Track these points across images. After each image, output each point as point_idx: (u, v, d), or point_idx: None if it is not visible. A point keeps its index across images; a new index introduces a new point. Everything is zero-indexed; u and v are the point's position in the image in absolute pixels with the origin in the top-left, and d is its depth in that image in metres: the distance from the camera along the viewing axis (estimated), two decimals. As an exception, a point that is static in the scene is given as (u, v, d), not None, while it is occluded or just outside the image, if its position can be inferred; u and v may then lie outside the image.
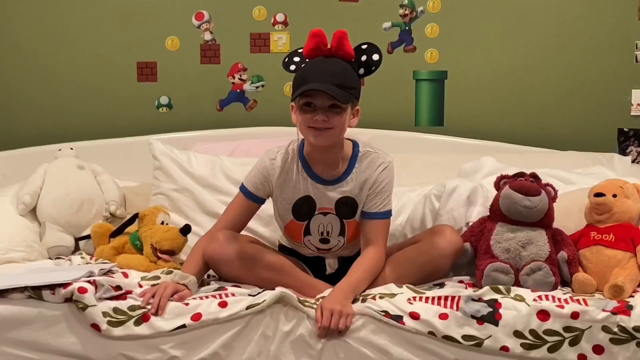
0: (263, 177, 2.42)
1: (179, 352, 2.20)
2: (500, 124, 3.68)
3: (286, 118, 3.46)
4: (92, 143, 3.52)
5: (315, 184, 2.40)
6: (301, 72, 2.31)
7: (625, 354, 2.12)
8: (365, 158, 2.42)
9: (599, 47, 3.62)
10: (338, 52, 2.28)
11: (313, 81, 2.24)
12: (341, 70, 2.27)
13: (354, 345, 2.19)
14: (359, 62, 2.33)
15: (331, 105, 2.26)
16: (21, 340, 2.22)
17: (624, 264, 2.36)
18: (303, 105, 2.29)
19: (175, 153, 2.98)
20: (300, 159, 2.42)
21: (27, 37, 3.59)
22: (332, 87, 2.23)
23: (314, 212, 2.41)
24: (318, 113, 2.26)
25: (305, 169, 2.41)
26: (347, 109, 2.29)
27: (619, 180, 2.61)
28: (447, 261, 2.43)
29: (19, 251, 2.76)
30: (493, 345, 2.15)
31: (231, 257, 2.33)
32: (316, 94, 2.25)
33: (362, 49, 2.34)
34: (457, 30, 3.64)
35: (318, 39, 2.28)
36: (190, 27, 3.62)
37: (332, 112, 2.27)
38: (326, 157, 2.39)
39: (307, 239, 2.46)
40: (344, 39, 2.27)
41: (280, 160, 2.41)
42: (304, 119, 2.30)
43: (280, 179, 2.41)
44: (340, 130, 2.31)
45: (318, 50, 2.29)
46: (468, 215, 2.66)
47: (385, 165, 2.41)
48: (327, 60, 2.28)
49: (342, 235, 2.45)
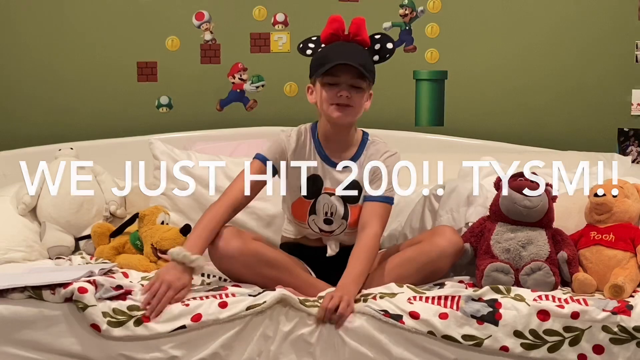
0: (280, 149, 2.48)
1: (179, 352, 2.20)
2: (500, 124, 3.67)
3: (286, 118, 3.50)
4: (92, 143, 3.52)
5: (324, 164, 2.48)
6: (322, 53, 2.42)
7: (625, 354, 2.12)
8: (373, 145, 2.52)
9: (599, 47, 3.62)
10: (356, 38, 2.41)
11: (337, 59, 2.34)
12: (362, 53, 2.41)
13: (354, 344, 2.19)
14: (373, 50, 2.46)
15: (353, 85, 2.38)
16: (21, 340, 2.22)
17: (624, 264, 2.36)
18: (326, 83, 2.39)
19: (176, 153, 2.98)
20: (313, 139, 2.51)
21: (27, 37, 3.59)
22: (358, 65, 2.35)
23: (320, 191, 2.48)
24: (342, 89, 2.37)
25: (317, 149, 2.50)
26: (366, 90, 2.42)
27: (619, 180, 2.61)
28: (447, 261, 2.43)
29: (19, 251, 2.76)
30: (493, 345, 2.15)
31: (234, 253, 2.34)
32: (341, 71, 2.36)
33: (376, 38, 2.47)
34: (457, 30, 3.64)
35: (337, 24, 2.42)
36: (190, 27, 3.62)
37: (354, 91, 2.38)
38: (340, 137, 2.49)
39: (312, 219, 2.50)
40: (361, 25, 2.42)
41: (295, 137, 2.50)
42: (328, 96, 2.39)
43: (294, 155, 2.49)
44: (359, 110, 2.43)
45: (336, 36, 2.41)
46: (468, 215, 2.66)
47: (391, 153, 2.51)
48: (346, 44, 2.41)
49: (344, 218, 2.49)
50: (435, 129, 3.69)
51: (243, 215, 2.81)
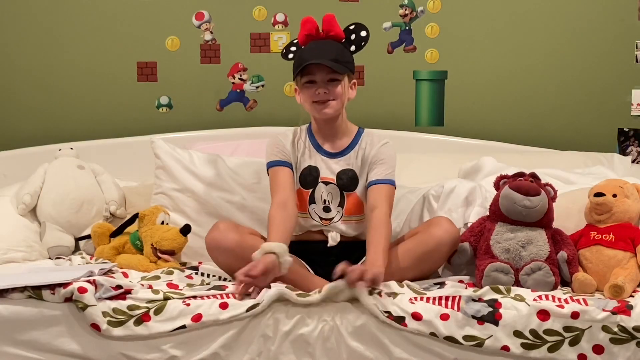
0: (281, 145, 2.57)
1: (179, 352, 2.20)
2: (500, 124, 3.68)
3: (286, 118, 3.49)
4: (92, 143, 3.52)
5: (320, 155, 2.57)
6: (298, 55, 2.53)
7: (625, 353, 2.12)
8: (367, 136, 2.60)
9: (599, 47, 3.62)
10: (329, 34, 2.52)
11: (310, 59, 2.45)
12: (334, 48, 2.50)
13: (354, 344, 2.19)
14: (349, 41, 2.55)
15: (329, 79, 2.48)
16: (21, 340, 2.22)
17: (624, 264, 2.36)
18: (305, 83, 2.50)
19: (178, 152, 2.98)
20: (308, 134, 2.61)
21: (27, 37, 3.59)
22: (328, 62, 2.45)
23: (317, 180, 2.54)
24: (319, 87, 2.47)
25: (312, 141, 2.59)
26: (344, 80, 2.51)
27: (619, 180, 2.61)
28: (444, 250, 2.45)
29: (19, 251, 2.76)
30: (494, 345, 2.15)
31: (230, 246, 2.37)
32: (315, 70, 2.47)
33: (350, 29, 2.57)
34: (457, 30, 3.64)
35: (309, 24, 2.52)
36: (190, 27, 3.62)
37: (331, 85, 2.48)
38: (332, 128, 2.58)
39: (312, 208, 2.55)
40: (332, 21, 2.52)
41: (291, 135, 2.61)
42: (307, 95, 2.51)
43: (292, 148, 2.57)
44: (341, 101, 2.52)
45: (311, 36, 2.51)
46: (466, 215, 2.66)
47: (385, 141, 2.58)
48: (320, 42, 2.51)
49: (341, 206, 2.54)
50: (435, 129, 3.69)
51: (243, 218, 2.81)
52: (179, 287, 2.35)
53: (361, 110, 2.61)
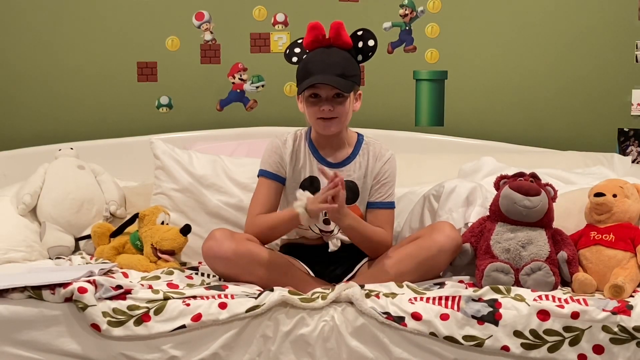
0: (278, 156, 2.54)
1: (179, 352, 2.20)
2: (500, 124, 3.67)
3: (286, 118, 3.50)
4: (92, 143, 3.51)
5: (321, 166, 2.49)
6: (304, 65, 2.45)
7: (625, 353, 2.12)
8: (369, 146, 2.56)
9: (599, 47, 3.62)
10: (336, 42, 2.44)
11: (316, 73, 2.38)
12: (341, 60, 2.42)
13: (354, 344, 2.19)
14: (356, 49, 2.48)
15: (335, 95, 2.41)
16: (21, 340, 2.22)
17: (624, 264, 2.36)
18: (309, 97, 2.43)
19: (177, 152, 2.98)
20: (308, 143, 2.55)
21: (27, 37, 3.59)
22: (335, 78, 2.38)
23: (318, 191, 2.45)
24: (324, 104, 2.41)
25: (313, 152, 2.54)
26: (350, 96, 2.45)
27: (619, 180, 2.61)
28: (446, 256, 2.43)
29: (19, 251, 2.76)
30: (494, 345, 2.15)
31: (227, 254, 2.35)
32: (321, 85, 2.39)
33: (358, 35, 2.48)
34: (457, 30, 3.64)
35: (316, 31, 2.43)
36: (190, 27, 3.62)
37: (336, 102, 2.42)
38: (332, 141, 2.53)
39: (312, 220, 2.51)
40: (340, 29, 2.43)
41: (291, 141, 2.55)
42: (311, 111, 2.45)
43: (291, 159, 2.53)
44: (346, 117, 2.47)
45: (317, 42, 2.44)
46: (467, 215, 2.66)
47: (388, 157, 2.56)
48: (327, 51, 2.43)
49: None
50: (435, 129, 3.69)
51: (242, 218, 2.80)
52: (179, 287, 2.35)
53: (361, 110, 2.59)
